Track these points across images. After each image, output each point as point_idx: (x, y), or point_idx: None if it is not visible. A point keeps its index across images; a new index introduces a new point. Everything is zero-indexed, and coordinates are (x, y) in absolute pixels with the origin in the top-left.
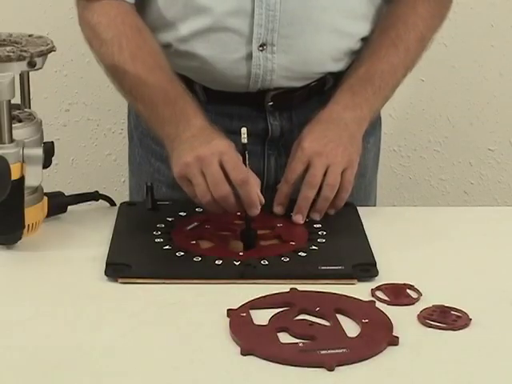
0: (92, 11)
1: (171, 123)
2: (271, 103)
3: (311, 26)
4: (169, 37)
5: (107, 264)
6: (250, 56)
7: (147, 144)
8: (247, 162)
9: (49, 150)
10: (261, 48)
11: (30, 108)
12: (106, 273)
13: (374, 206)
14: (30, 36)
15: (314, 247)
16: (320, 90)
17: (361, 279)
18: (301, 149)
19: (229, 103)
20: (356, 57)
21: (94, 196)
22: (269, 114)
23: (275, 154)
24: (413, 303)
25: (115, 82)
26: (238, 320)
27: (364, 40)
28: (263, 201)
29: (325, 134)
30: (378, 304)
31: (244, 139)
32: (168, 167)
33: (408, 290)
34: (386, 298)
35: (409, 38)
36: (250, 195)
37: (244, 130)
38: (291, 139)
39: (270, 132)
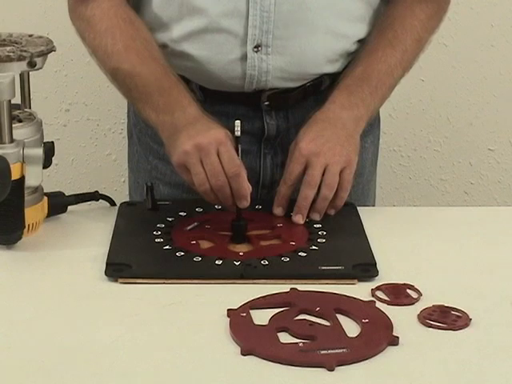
0: (85, 5)
1: (166, 111)
2: (267, 103)
3: (306, 27)
4: (164, 37)
5: (107, 264)
6: (244, 57)
7: (145, 142)
8: (240, 155)
9: (49, 150)
10: (255, 49)
11: (30, 108)
12: (106, 273)
13: (373, 205)
14: (30, 36)
15: (314, 247)
16: (316, 90)
17: (361, 279)
18: (298, 149)
19: (225, 102)
20: (353, 58)
21: (94, 196)
22: (265, 113)
23: (271, 153)
24: (413, 303)
25: (108, 73)
26: (238, 320)
27: (360, 42)
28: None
29: (322, 134)
30: (378, 304)
31: (237, 132)
32: (166, 165)
33: (408, 290)
34: (386, 298)
35: (406, 39)
36: (240, 188)
37: (238, 123)
38: (287, 138)
39: (266, 131)
